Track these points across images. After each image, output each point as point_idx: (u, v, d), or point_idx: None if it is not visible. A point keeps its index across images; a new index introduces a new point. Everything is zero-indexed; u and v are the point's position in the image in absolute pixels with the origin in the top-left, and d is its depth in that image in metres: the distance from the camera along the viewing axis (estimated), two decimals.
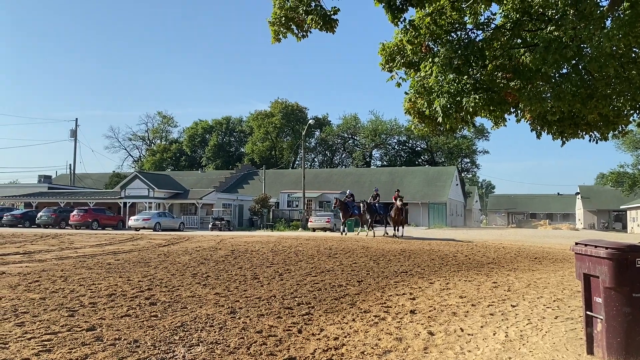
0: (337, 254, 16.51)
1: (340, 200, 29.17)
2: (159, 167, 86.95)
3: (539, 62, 7.70)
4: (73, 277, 10.50)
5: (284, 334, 6.18)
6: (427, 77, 8.85)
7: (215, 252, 16.78)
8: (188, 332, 6.13)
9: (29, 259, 14.08)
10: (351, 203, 29.17)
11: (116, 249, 18.03)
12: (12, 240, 21.68)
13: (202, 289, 9.31)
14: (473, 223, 76.33)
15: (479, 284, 10.61)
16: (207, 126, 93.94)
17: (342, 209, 28.73)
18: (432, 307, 8.00)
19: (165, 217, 40.13)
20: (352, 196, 30.15)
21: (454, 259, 15.56)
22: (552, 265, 14.42)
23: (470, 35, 9.37)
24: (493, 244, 22.64)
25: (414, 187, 58.94)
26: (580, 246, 5.34)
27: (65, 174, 71.05)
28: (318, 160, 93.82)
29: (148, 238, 25.28)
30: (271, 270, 12.09)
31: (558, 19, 8.23)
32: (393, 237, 25.38)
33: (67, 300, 7.93)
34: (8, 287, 9.10)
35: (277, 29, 8.91)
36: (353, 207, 28.86)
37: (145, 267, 12.48)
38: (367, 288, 9.81)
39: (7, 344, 5.47)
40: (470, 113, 8.37)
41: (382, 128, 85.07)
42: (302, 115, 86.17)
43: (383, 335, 6.21)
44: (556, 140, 9.80)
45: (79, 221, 38.57)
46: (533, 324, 6.89)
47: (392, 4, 8.15)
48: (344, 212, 28.78)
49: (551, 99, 8.09)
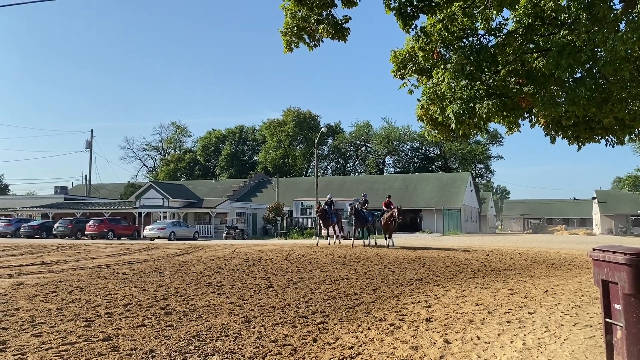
0: (351, 261, 16.45)
1: (322, 205, 27.05)
2: (174, 177, 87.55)
3: (552, 66, 7.65)
4: (89, 287, 10.58)
5: (299, 343, 6.16)
6: (439, 84, 8.83)
7: (230, 261, 16.82)
8: (203, 342, 6.14)
9: (46, 269, 14.23)
10: (329, 210, 26.72)
11: (131, 258, 18.15)
12: (29, 251, 21.93)
13: (216, 298, 9.33)
14: (488, 229, 75.67)
15: (495, 291, 10.50)
16: (220, 135, 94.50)
17: (322, 216, 26.42)
18: (448, 315, 7.93)
19: (180, 227, 40.34)
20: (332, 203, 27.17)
21: (469, 266, 15.42)
22: (569, 272, 14.23)
23: (482, 41, 9.34)
24: (509, 250, 22.42)
25: (427, 193, 58.67)
26: (598, 252, 5.26)
27: (81, 184, 71.83)
28: (331, 167, 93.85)
29: (163, 247, 25.42)
30: (285, 279, 12.08)
31: (571, 23, 8.17)
32: (387, 248, 22.81)
33: (83, 311, 7.99)
34: (26, 297, 9.20)
35: (289, 38, 8.96)
36: (332, 214, 26.59)
37: (161, 276, 12.54)
38: (382, 296, 9.76)
39: (25, 355, 5.51)
40: (483, 119, 8.32)
41: (395, 135, 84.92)
42: (314, 123, 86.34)
43: (399, 344, 6.17)
44: (572, 145, 9.70)
45: (94, 231, 38.93)
46: (551, 331, 6.79)
47: (403, 12, 8.15)
48: (323, 220, 26.52)
49: (565, 103, 8.02)
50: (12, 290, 10.01)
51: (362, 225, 25.10)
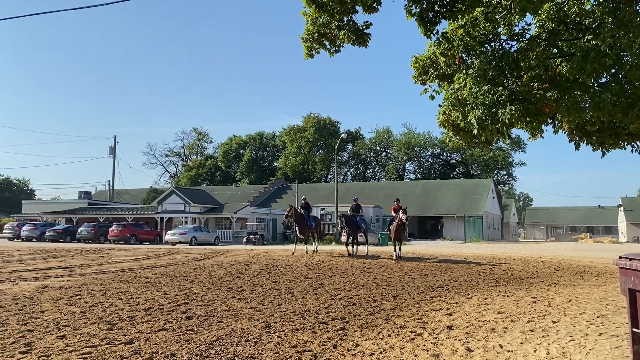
0: (371, 268, 16.38)
1: (295, 209, 23.07)
2: (195, 183, 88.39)
3: (576, 71, 7.55)
4: (112, 291, 10.72)
5: (319, 349, 6.14)
6: (461, 89, 8.77)
7: (250, 266, 16.88)
8: (224, 347, 6.16)
9: (70, 273, 14.46)
10: (307, 214, 23.32)
11: (153, 263, 18.34)
12: (54, 255, 22.32)
13: (237, 303, 9.37)
14: (510, 237, 74.70)
15: (517, 299, 10.34)
16: (241, 141, 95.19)
17: (297, 221, 22.60)
18: (470, 323, 7.83)
19: (201, 232, 40.67)
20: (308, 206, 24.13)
21: (491, 274, 15.23)
22: (594, 280, 13.95)
23: (505, 46, 9.27)
24: (531, 258, 22.08)
25: (449, 200, 58.19)
26: (624, 260, 5.15)
27: (105, 190, 73.03)
28: (351, 173, 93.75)
29: (184, 252, 25.64)
30: (305, 285, 12.07)
31: (596, 28, 8.06)
32: (395, 260, 19.68)
33: (106, 314, 8.09)
34: (50, 300, 9.35)
35: (310, 45, 9.00)
36: (309, 218, 23.47)
37: (182, 281, 12.64)
38: (403, 303, 9.68)
39: (49, 356, 5.60)
40: (506, 125, 8.23)
41: (416, 141, 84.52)
42: (334, 129, 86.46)
43: (419, 352, 6.11)
44: (596, 151, 9.55)
45: (117, 236, 39.50)
46: (576, 341, 6.66)
47: (424, 17, 8.13)
48: (299, 225, 22.79)
49: (590, 109, 7.90)
50: (37, 293, 10.19)
51: (354, 234, 22.18)
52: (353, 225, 21.95)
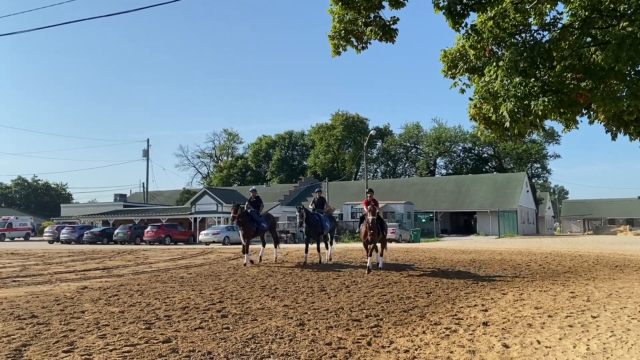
0: (404, 265, 16.28)
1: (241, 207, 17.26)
2: (226, 183, 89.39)
3: (611, 60, 7.34)
4: (149, 291, 10.94)
5: (354, 347, 6.14)
6: (492, 82, 8.65)
7: (282, 264, 16.98)
8: (259, 344, 6.22)
9: (108, 274, 14.82)
10: (256, 213, 17.65)
11: (188, 263, 18.64)
12: (92, 256, 22.91)
13: (271, 301, 9.44)
14: (546, 231, 73.17)
15: (555, 294, 10.14)
16: (270, 141, 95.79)
17: (243, 223, 16.86)
18: (506, 319, 7.71)
19: (234, 231, 40.98)
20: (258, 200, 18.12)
21: (527, 269, 14.96)
22: (635, 274, 13.55)
23: (536, 37, 9.09)
24: (568, 253, 21.59)
25: (482, 195, 57.35)
26: None
27: (139, 192, 74.50)
28: (380, 170, 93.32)
29: (218, 252, 25.98)
30: (338, 282, 12.09)
31: (631, 14, 7.83)
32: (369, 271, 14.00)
33: (143, 314, 8.26)
34: (90, 301, 9.61)
35: (337, 42, 9.01)
36: (260, 218, 17.70)
37: (216, 280, 12.81)
38: (437, 300, 9.60)
39: (91, 355, 5.76)
40: (539, 116, 8.08)
41: (446, 135, 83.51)
42: (363, 127, 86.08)
43: (455, 348, 6.05)
44: (634, 141, 9.28)
45: (152, 237, 40.27)
46: (617, 336, 6.49)
47: (452, 10, 8.04)
48: (244, 227, 16.91)
49: (627, 98, 7.68)
50: (77, 294, 10.48)
51: (316, 234, 17.02)
52: (316, 224, 16.80)
